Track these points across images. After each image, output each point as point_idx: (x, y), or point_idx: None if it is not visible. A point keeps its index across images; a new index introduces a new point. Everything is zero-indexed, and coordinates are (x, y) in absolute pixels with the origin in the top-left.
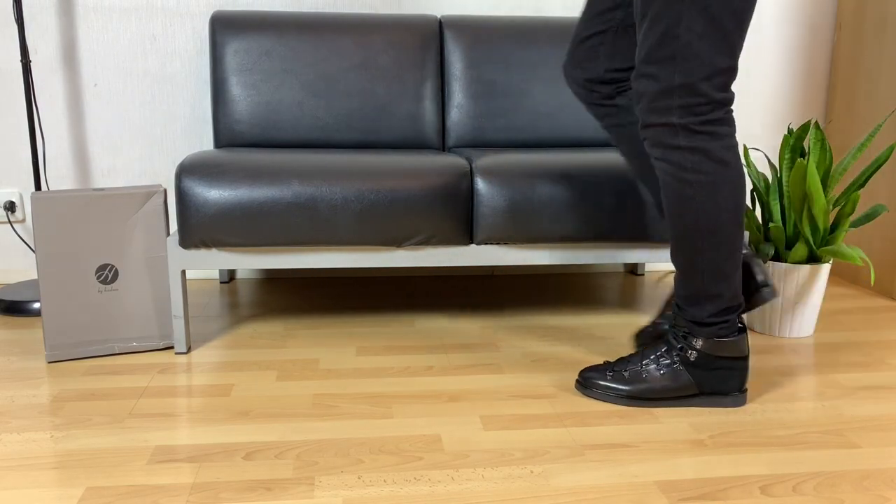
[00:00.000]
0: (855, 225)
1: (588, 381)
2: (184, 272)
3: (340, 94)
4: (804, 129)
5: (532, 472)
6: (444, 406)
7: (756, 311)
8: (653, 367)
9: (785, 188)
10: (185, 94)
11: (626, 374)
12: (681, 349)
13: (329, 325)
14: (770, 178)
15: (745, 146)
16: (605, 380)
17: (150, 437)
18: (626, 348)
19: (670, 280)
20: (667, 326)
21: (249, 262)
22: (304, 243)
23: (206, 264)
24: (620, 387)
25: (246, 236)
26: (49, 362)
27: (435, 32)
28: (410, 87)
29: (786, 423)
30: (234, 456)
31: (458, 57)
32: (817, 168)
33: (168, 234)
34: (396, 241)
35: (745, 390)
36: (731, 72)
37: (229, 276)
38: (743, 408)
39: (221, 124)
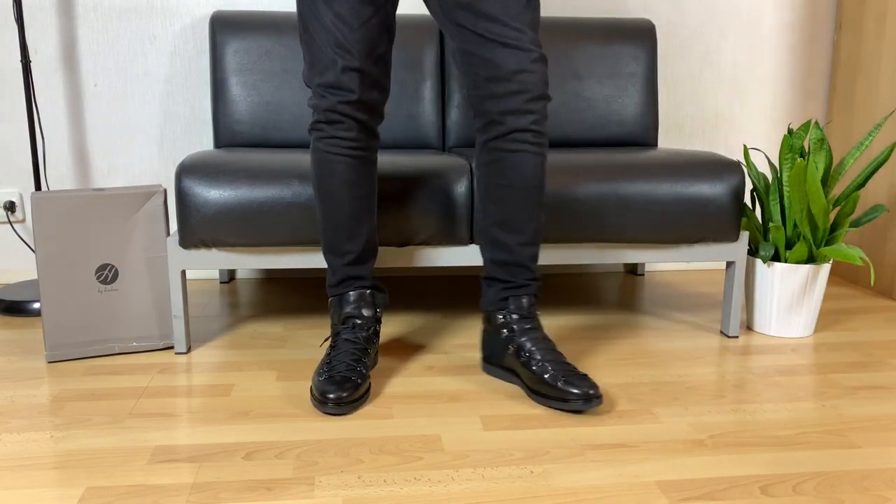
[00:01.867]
0: (855, 225)
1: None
2: (184, 272)
3: None
4: (804, 129)
5: (532, 472)
6: (444, 406)
7: (756, 312)
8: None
9: (785, 188)
10: (185, 94)
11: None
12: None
13: (329, 325)
14: (770, 178)
15: (745, 146)
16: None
17: (150, 437)
18: (626, 348)
19: (670, 280)
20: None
21: (249, 262)
22: (304, 243)
23: (206, 264)
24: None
25: (246, 236)
26: (49, 362)
27: (435, 32)
28: (410, 87)
29: (786, 423)
30: (234, 456)
31: None
32: (817, 168)
33: (168, 234)
34: (397, 241)
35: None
36: None
37: (229, 276)
38: (743, 408)
39: (221, 124)
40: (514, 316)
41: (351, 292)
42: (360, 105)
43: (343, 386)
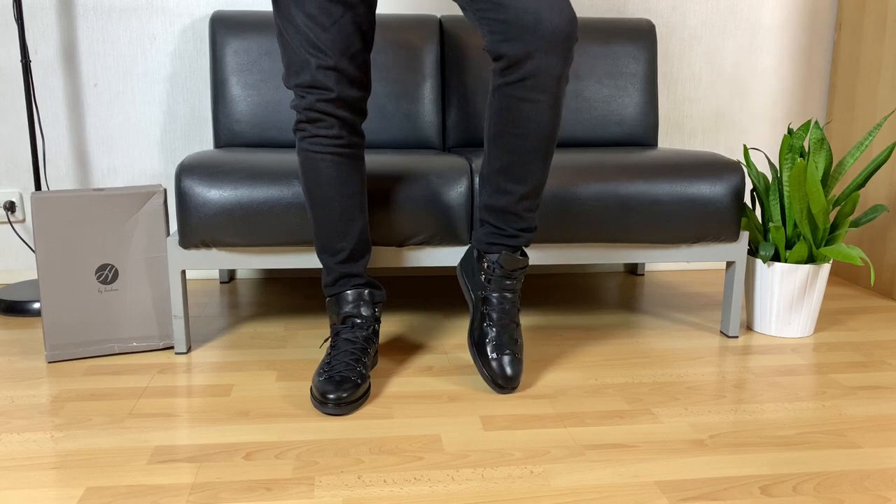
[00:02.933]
0: (855, 225)
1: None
2: (184, 272)
3: None
4: (804, 129)
5: (532, 472)
6: (444, 406)
7: (756, 311)
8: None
9: (785, 188)
10: (185, 94)
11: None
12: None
13: (328, 325)
14: (770, 178)
15: (745, 146)
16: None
17: (150, 437)
18: (626, 348)
19: (670, 280)
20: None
21: (249, 262)
22: (304, 243)
23: (206, 264)
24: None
25: (246, 236)
26: (49, 362)
27: (435, 32)
28: (410, 87)
29: (786, 423)
30: (234, 456)
31: (458, 57)
32: (817, 168)
33: (168, 234)
34: (397, 241)
35: None
36: None
37: (229, 276)
38: (743, 408)
39: (221, 124)
40: (497, 271)
41: (348, 291)
42: (340, 102)
43: (342, 386)
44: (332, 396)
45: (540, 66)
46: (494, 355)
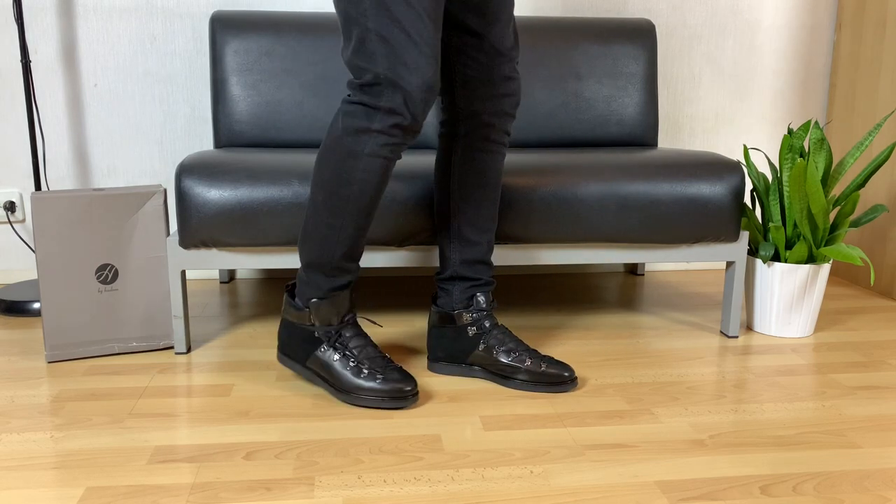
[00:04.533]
0: (855, 225)
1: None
2: (184, 272)
3: (340, 95)
4: (804, 129)
5: (532, 472)
6: (444, 406)
7: (756, 311)
8: None
9: (785, 188)
10: (185, 94)
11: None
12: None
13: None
14: (770, 178)
15: (745, 146)
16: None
17: (150, 437)
18: (626, 348)
19: (670, 280)
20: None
21: (249, 262)
22: None
23: (206, 264)
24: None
25: (246, 236)
26: (49, 362)
27: None
28: None
29: (786, 423)
30: (234, 456)
31: None
32: (817, 168)
33: (168, 234)
34: (397, 241)
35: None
36: None
37: (229, 276)
38: (743, 408)
39: (221, 124)
40: (483, 312)
41: (345, 290)
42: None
43: (407, 378)
44: (408, 388)
45: (505, 120)
46: (545, 366)
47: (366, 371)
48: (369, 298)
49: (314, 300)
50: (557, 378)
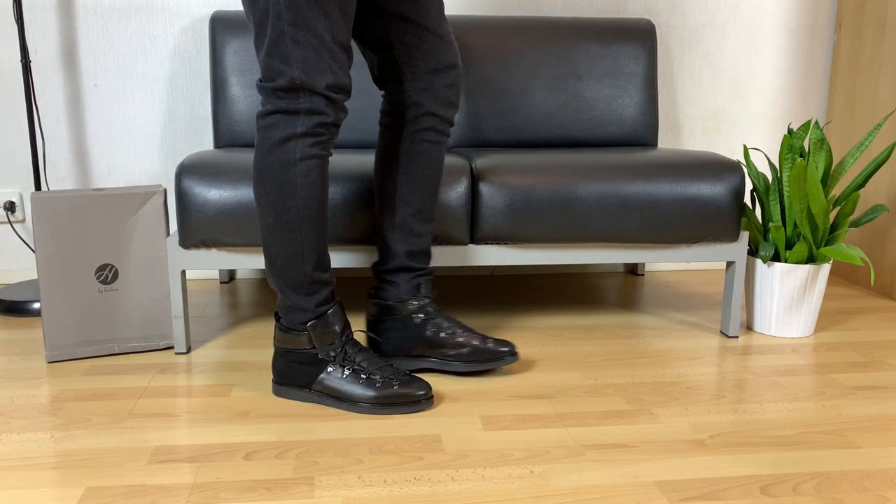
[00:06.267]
0: (855, 225)
1: None
2: (184, 272)
3: None
4: (804, 129)
5: (532, 472)
6: (444, 406)
7: (756, 312)
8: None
9: (785, 188)
10: (185, 94)
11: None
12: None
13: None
14: (770, 178)
15: (745, 146)
16: None
17: (150, 437)
18: (626, 348)
19: (670, 280)
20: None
21: (249, 262)
22: None
23: (206, 264)
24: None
25: (246, 236)
26: (49, 362)
27: None
28: None
29: (786, 423)
30: (234, 456)
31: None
32: (817, 168)
33: (168, 234)
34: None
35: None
36: None
37: (229, 276)
38: (743, 408)
39: (221, 124)
40: (427, 299)
41: (335, 306)
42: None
43: (420, 381)
44: (422, 392)
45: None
46: (491, 343)
47: (379, 381)
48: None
49: (309, 323)
50: (496, 355)
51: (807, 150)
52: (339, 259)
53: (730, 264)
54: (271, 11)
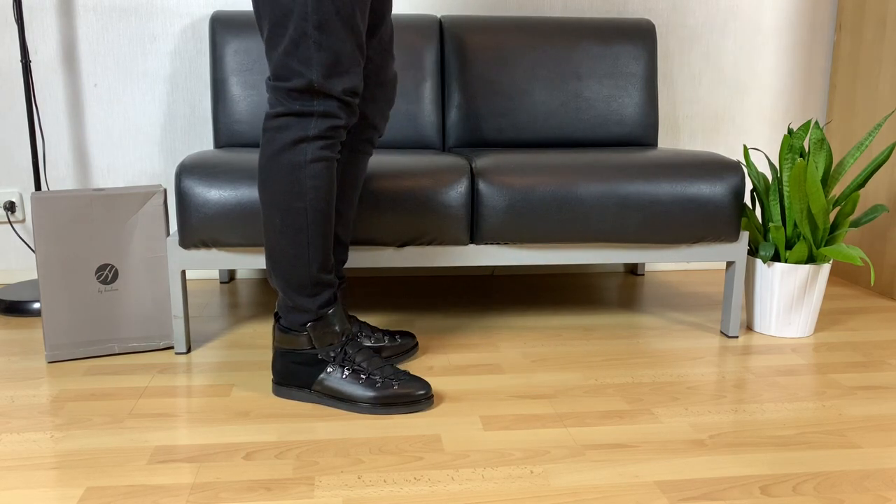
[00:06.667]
0: (855, 225)
1: None
2: (184, 272)
3: None
4: (804, 129)
5: (532, 472)
6: (444, 406)
7: (756, 312)
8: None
9: (785, 188)
10: (185, 94)
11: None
12: None
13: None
14: (770, 178)
15: (745, 146)
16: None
17: (150, 437)
18: (626, 348)
19: (670, 280)
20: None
21: (249, 262)
22: None
23: (206, 264)
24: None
25: (246, 236)
26: (49, 362)
27: (435, 32)
28: (410, 87)
29: (786, 423)
30: (234, 456)
31: (458, 57)
32: (817, 168)
33: (168, 234)
34: (396, 242)
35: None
36: None
37: (229, 276)
38: (743, 408)
39: (221, 124)
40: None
41: (335, 307)
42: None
43: (422, 381)
44: (422, 392)
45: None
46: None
47: (379, 382)
48: (368, 298)
49: (310, 324)
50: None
51: (807, 150)
52: None
53: (730, 264)
54: (296, 12)
